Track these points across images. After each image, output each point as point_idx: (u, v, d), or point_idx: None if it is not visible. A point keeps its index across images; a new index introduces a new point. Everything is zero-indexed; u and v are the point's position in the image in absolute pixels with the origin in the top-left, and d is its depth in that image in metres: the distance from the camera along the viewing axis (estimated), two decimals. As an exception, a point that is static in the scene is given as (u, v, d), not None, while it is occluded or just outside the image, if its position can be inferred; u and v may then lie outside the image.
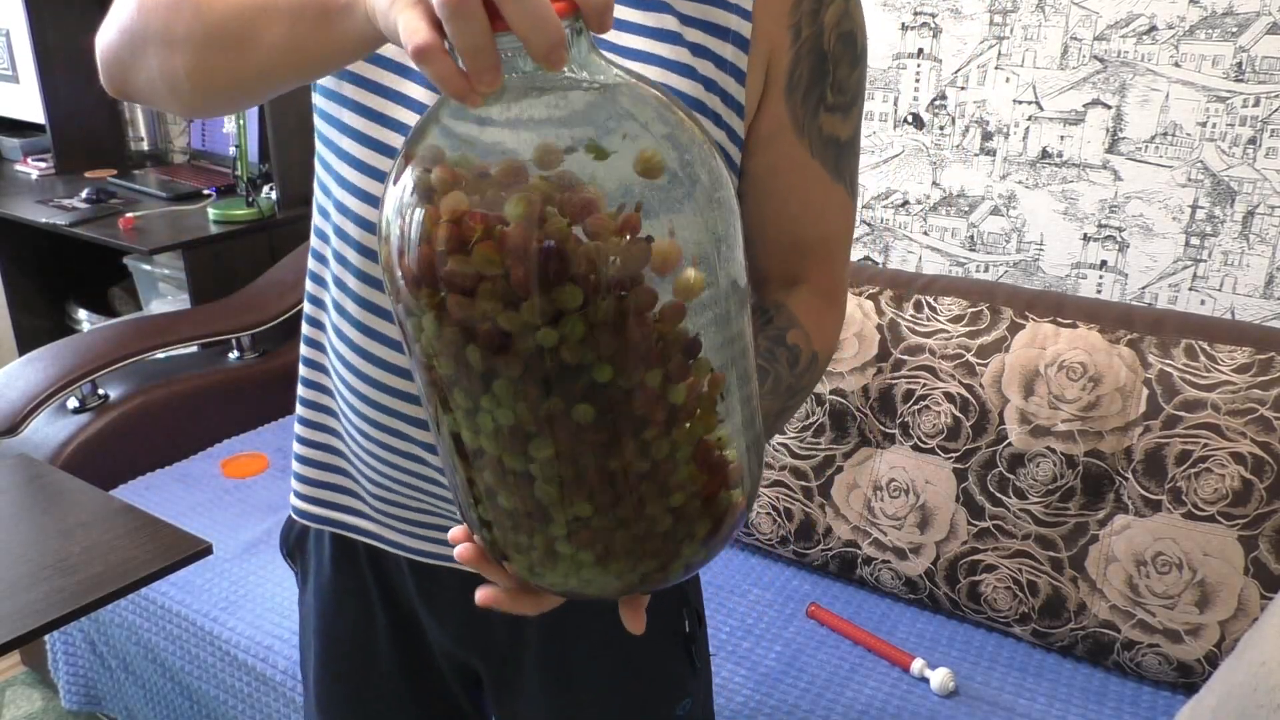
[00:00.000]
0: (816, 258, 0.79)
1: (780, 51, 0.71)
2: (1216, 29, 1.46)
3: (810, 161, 0.75)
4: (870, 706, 1.36)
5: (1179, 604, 1.36)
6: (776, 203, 0.76)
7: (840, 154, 0.76)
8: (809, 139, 0.74)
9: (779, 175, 0.75)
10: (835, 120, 0.75)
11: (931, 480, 1.52)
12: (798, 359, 0.73)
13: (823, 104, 0.74)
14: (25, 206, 2.45)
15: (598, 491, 0.49)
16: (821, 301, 0.78)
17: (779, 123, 0.73)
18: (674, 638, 0.86)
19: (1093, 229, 1.63)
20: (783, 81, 0.72)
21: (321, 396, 0.82)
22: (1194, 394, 1.37)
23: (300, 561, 0.91)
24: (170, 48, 0.62)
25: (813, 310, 0.76)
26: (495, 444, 0.49)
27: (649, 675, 0.86)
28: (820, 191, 0.76)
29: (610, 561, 0.52)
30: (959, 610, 1.53)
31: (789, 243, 0.77)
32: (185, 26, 0.61)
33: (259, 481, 1.90)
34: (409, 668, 0.87)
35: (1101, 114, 1.57)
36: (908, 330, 1.55)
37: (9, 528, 1.23)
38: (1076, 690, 1.40)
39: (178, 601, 1.57)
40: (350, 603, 0.87)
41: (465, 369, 0.48)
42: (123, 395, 1.97)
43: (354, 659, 0.88)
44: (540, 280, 0.45)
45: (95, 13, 2.66)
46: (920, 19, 1.69)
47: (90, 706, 1.79)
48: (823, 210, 0.77)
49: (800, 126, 0.74)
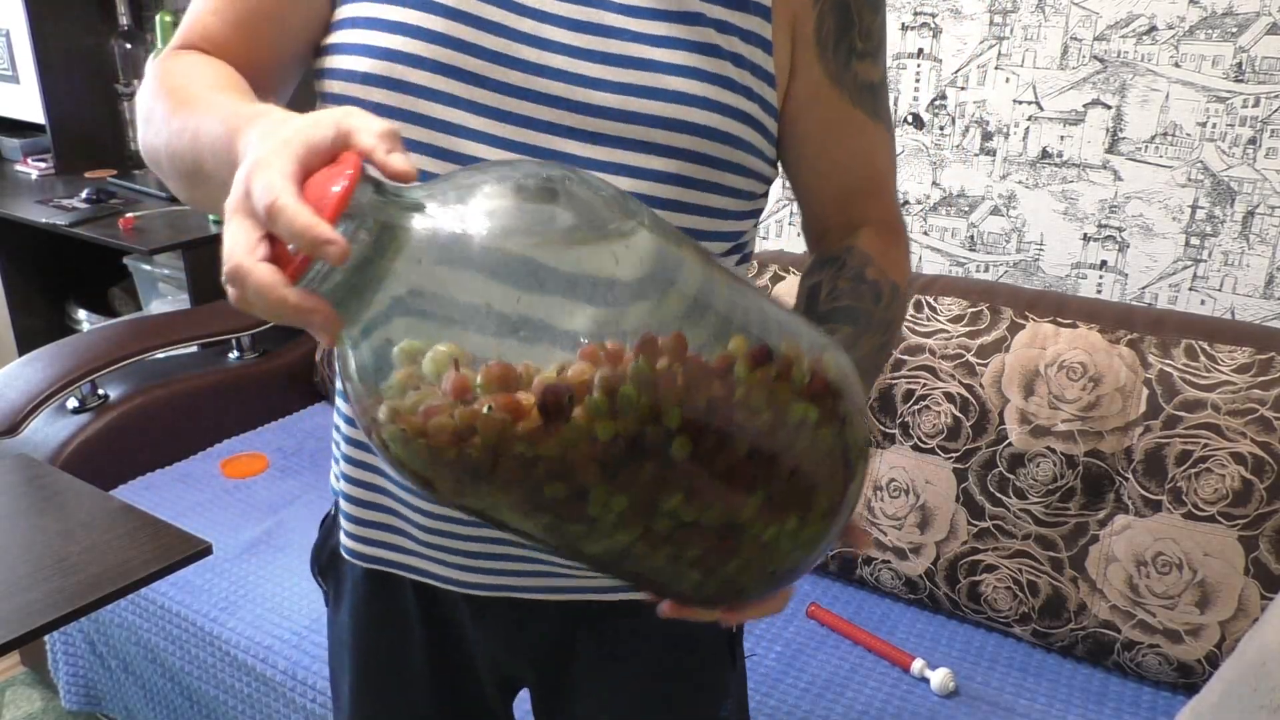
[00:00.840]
0: (873, 197, 0.81)
1: (804, 12, 0.73)
2: (1216, 29, 1.46)
3: (852, 111, 0.77)
4: (870, 706, 1.36)
5: (1179, 604, 1.36)
6: (829, 157, 0.78)
7: (875, 96, 0.78)
8: (846, 90, 0.76)
9: (828, 131, 0.77)
10: (866, 66, 0.77)
11: (931, 480, 1.52)
12: (880, 293, 0.75)
13: (853, 53, 0.75)
14: (25, 206, 2.45)
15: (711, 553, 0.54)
16: (886, 236, 0.80)
17: (816, 81, 0.75)
18: (718, 638, 0.87)
19: (1093, 229, 1.63)
20: (812, 40, 0.74)
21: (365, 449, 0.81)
22: (1194, 394, 1.37)
23: (333, 582, 0.90)
24: (158, 165, 0.69)
25: (880, 245, 0.78)
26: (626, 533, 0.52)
27: (696, 679, 0.86)
28: (866, 136, 0.79)
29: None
30: (959, 610, 1.53)
31: (845, 191, 0.80)
32: (164, 158, 0.68)
33: (259, 481, 1.90)
34: (447, 686, 0.87)
35: (1101, 114, 1.57)
36: (908, 330, 1.55)
37: (9, 528, 1.23)
38: (1076, 690, 1.40)
39: (178, 602, 1.57)
40: (388, 620, 0.86)
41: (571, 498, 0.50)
42: (123, 395, 1.97)
43: (391, 676, 0.87)
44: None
45: (95, 13, 2.66)
46: (920, 19, 1.69)
47: (90, 707, 1.79)
48: (871, 153, 0.80)
49: (837, 80, 0.75)
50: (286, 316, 0.46)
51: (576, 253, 0.47)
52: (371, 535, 0.82)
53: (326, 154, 0.48)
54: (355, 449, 0.81)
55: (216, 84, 0.66)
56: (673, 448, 0.48)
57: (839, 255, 0.78)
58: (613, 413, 0.46)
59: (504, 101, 0.67)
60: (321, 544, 0.90)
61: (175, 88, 0.67)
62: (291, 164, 0.46)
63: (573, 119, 0.68)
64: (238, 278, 0.46)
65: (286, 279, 0.45)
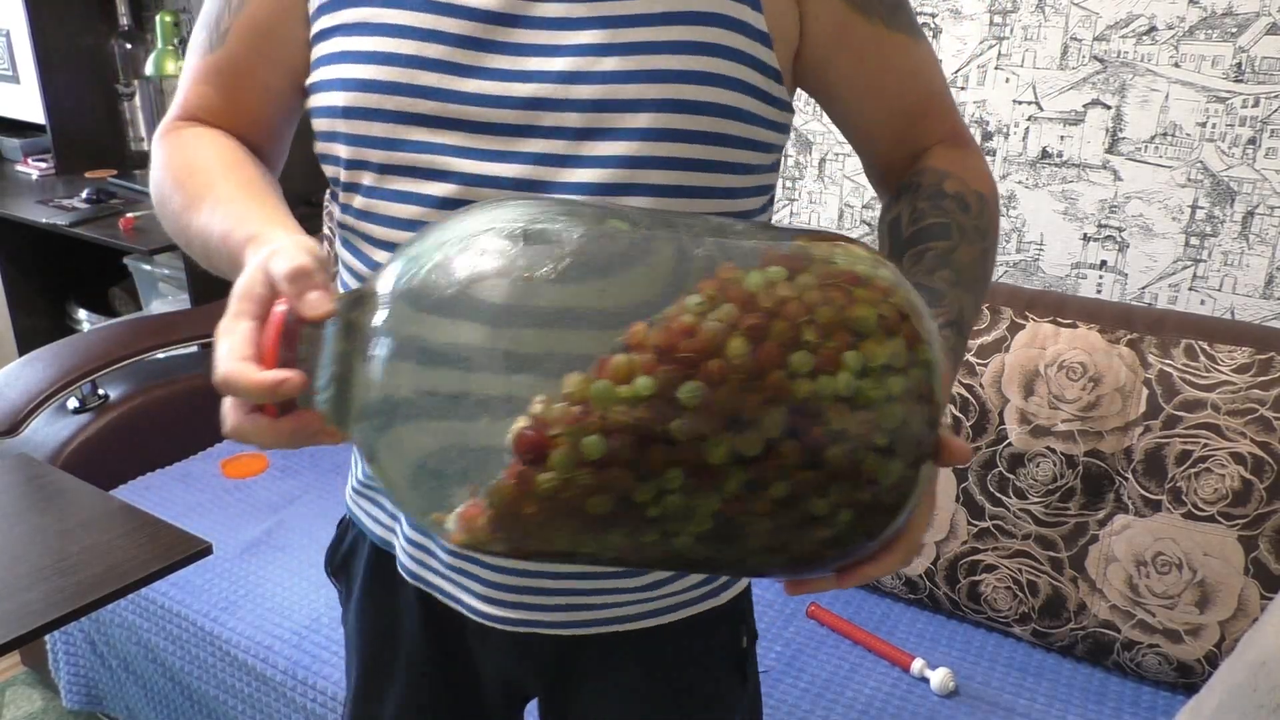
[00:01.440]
0: (931, 117, 0.77)
1: None
2: (1216, 29, 1.46)
3: (890, 35, 0.73)
4: (870, 706, 1.36)
5: (1179, 604, 1.36)
6: (876, 91, 0.75)
7: (907, 11, 0.74)
8: (877, 15, 0.72)
9: (868, 64, 0.73)
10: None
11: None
12: (967, 204, 0.71)
13: None
14: (25, 206, 2.45)
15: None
16: (957, 151, 0.77)
17: (842, 18, 0.71)
18: (729, 656, 0.86)
19: (1093, 229, 1.63)
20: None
21: None
22: (1194, 394, 1.37)
23: (345, 582, 0.90)
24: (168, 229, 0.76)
25: (954, 159, 0.75)
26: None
27: (706, 696, 0.85)
28: (911, 56, 0.75)
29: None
30: (959, 610, 1.53)
31: (903, 117, 0.76)
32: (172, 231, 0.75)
33: (259, 481, 1.90)
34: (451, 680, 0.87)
35: (1101, 114, 1.57)
36: (908, 330, 1.55)
37: (9, 528, 1.23)
38: (1076, 690, 1.40)
39: (178, 601, 1.57)
40: (394, 621, 0.86)
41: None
42: (123, 395, 1.96)
43: (395, 676, 0.87)
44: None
45: (95, 13, 2.66)
46: (920, 19, 1.69)
47: (91, 706, 1.79)
48: (920, 71, 0.76)
49: (864, 7, 0.71)
50: (297, 442, 0.53)
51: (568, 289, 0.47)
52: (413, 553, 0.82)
53: (267, 299, 0.53)
54: None
55: (221, 168, 0.71)
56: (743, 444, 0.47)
57: (912, 181, 0.74)
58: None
59: (484, 113, 0.66)
60: (336, 544, 0.91)
61: (183, 181, 0.72)
62: (237, 327, 0.54)
63: (554, 118, 0.66)
64: (236, 435, 0.55)
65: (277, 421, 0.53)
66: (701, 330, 0.46)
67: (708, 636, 0.84)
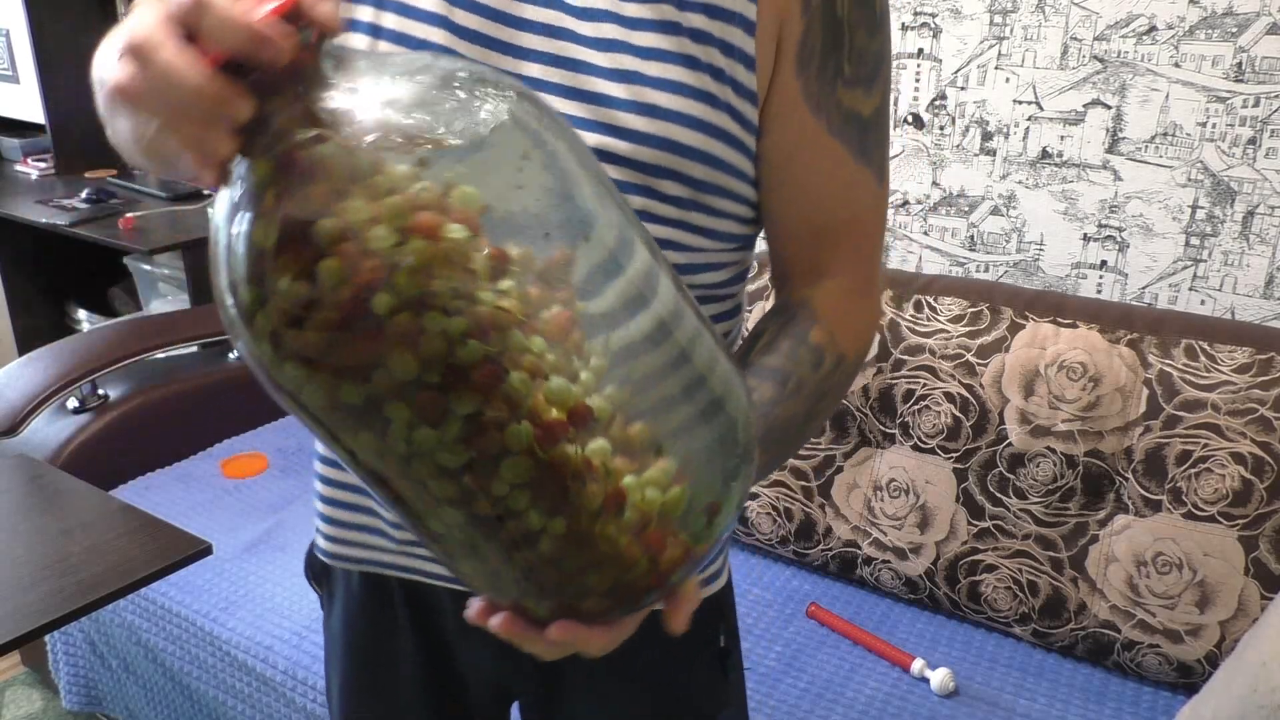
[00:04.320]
0: (843, 247, 0.73)
1: (791, 23, 0.66)
2: (1216, 29, 1.46)
3: (829, 140, 0.68)
4: (870, 706, 1.36)
5: (1179, 604, 1.36)
6: (794, 186, 0.70)
7: (864, 132, 0.70)
8: (826, 116, 0.68)
9: (795, 156, 0.69)
10: (855, 95, 0.69)
11: (931, 480, 1.52)
12: (821, 360, 0.68)
13: (840, 77, 0.68)
14: (25, 206, 2.45)
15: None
16: (850, 297, 0.72)
17: (791, 98, 0.67)
18: (710, 655, 0.86)
19: (1093, 229, 1.63)
20: (793, 53, 0.66)
21: None
22: (1194, 394, 1.37)
23: (326, 586, 0.90)
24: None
25: (840, 306, 0.71)
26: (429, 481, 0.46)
27: (684, 692, 0.85)
28: (843, 173, 0.70)
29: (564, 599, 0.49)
30: (959, 610, 1.53)
31: (811, 231, 0.72)
32: None
33: (259, 481, 1.90)
34: (437, 689, 0.87)
35: (1101, 114, 1.57)
36: (908, 330, 1.55)
37: (9, 528, 1.23)
38: (1076, 690, 1.40)
39: (178, 601, 1.57)
40: (379, 626, 0.86)
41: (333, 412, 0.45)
42: (123, 395, 1.97)
43: (381, 682, 0.87)
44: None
45: (95, 13, 2.66)
46: (920, 19, 1.69)
47: (90, 707, 1.79)
48: (845, 194, 0.71)
49: (816, 102, 0.68)
50: (193, 103, 0.40)
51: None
52: (349, 536, 0.82)
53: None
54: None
55: None
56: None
57: (789, 309, 0.71)
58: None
59: None
60: (314, 549, 0.91)
61: None
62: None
63: None
64: (143, 51, 0.40)
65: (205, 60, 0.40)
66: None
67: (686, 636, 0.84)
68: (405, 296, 0.41)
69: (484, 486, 0.45)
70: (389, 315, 0.41)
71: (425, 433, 0.44)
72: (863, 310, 0.74)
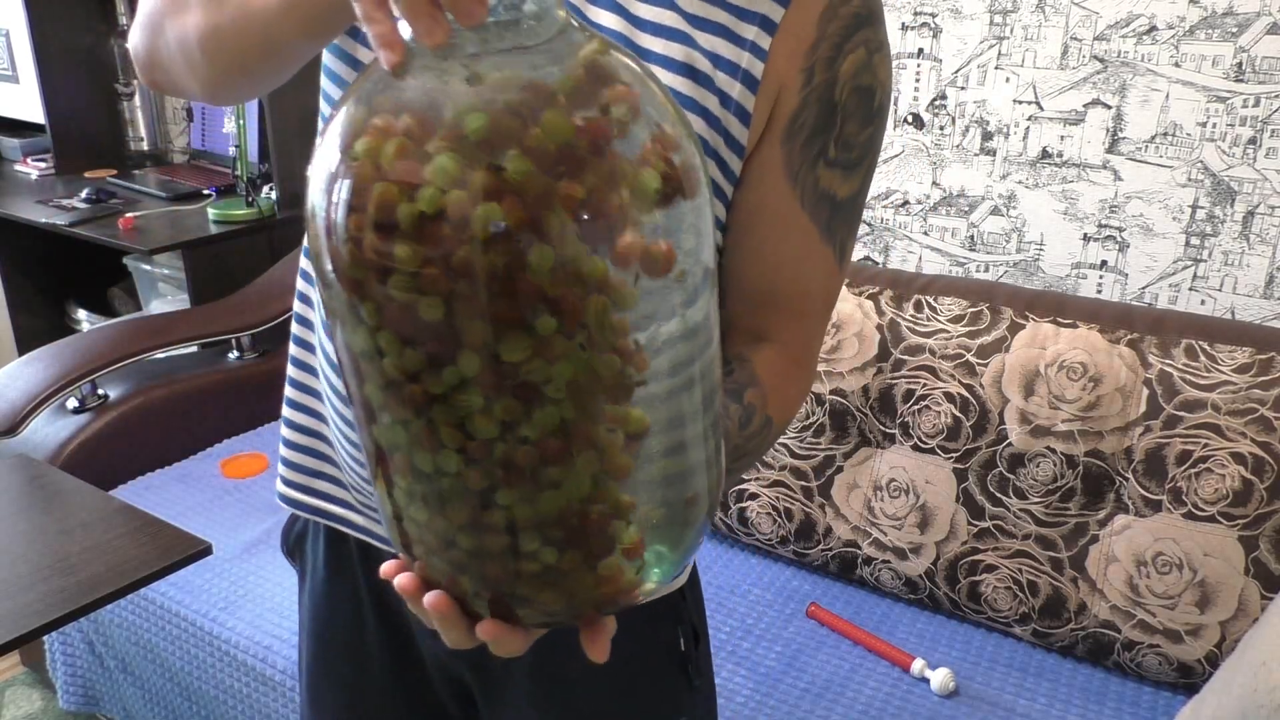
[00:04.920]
0: (789, 315, 0.73)
1: (789, 93, 0.67)
2: (1216, 29, 1.46)
3: (799, 212, 0.70)
4: (870, 706, 1.36)
5: (1179, 604, 1.36)
6: (753, 246, 0.71)
7: (834, 213, 0.71)
8: (800, 189, 0.69)
9: (762, 218, 0.70)
10: (834, 176, 0.70)
11: (931, 480, 1.52)
12: (750, 420, 0.67)
13: (823, 157, 0.69)
14: (25, 206, 2.45)
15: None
16: (788, 365, 0.73)
17: (771, 164, 0.69)
18: (670, 656, 0.85)
19: (1093, 229, 1.63)
20: (783, 124, 0.68)
21: (308, 395, 0.81)
22: (1194, 394, 1.37)
23: (300, 561, 0.91)
24: (181, 14, 0.63)
25: (777, 372, 0.71)
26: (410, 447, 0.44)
27: (643, 694, 0.84)
28: (804, 246, 0.71)
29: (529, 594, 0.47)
30: (959, 610, 1.53)
31: (762, 293, 0.73)
32: (178, 30, 0.62)
33: (259, 481, 1.90)
34: (401, 674, 0.87)
35: (1101, 114, 1.57)
36: (908, 330, 1.55)
37: (9, 528, 1.23)
38: (1076, 690, 1.40)
39: (177, 601, 1.57)
40: (343, 606, 0.86)
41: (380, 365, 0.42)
42: (123, 395, 1.97)
43: (346, 662, 0.88)
44: (494, 294, 0.39)
45: (95, 12, 2.66)
46: (920, 19, 1.69)
47: (89, 707, 1.79)
48: (803, 266, 0.72)
49: (794, 174, 0.69)
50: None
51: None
52: (311, 484, 0.83)
53: None
54: (298, 392, 0.81)
55: None
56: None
57: (728, 361, 0.70)
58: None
59: None
60: (290, 523, 0.91)
61: None
62: None
63: None
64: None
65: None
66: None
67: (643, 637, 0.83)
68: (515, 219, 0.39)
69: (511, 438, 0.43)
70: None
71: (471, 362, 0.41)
72: (798, 380, 0.74)
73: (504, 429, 0.43)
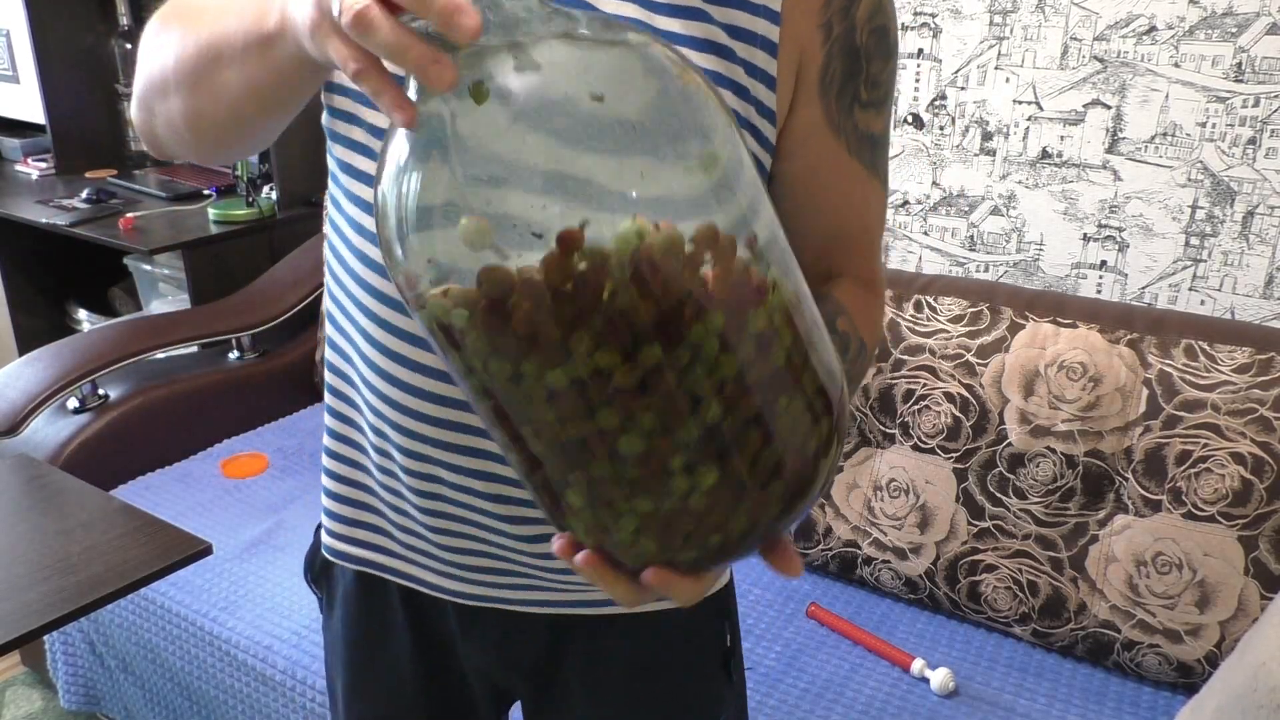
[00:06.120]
0: (856, 250, 0.79)
1: (812, 50, 0.70)
2: (1216, 29, 1.46)
3: (849, 160, 0.74)
4: (870, 706, 1.36)
5: (1179, 604, 1.36)
6: (817, 201, 0.75)
7: (875, 149, 0.76)
8: (845, 137, 0.73)
9: (818, 175, 0.74)
10: (870, 116, 0.74)
11: (931, 480, 1.52)
12: (848, 346, 0.71)
13: (857, 101, 0.73)
14: (25, 206, 2.45)
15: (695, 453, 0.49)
16: (864, 291, 0.77)
17: (814, 123, 0.72)
18: (713, 653, 0.86)
19: (1093, 229, 1.63)
20: (816, 81, 0.71)
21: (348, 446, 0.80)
22: (1194, 394, 1.37)
23: (325, 589, 0.90)
24: (165, 97, 0.67)
25: (858, 299, 0.76)
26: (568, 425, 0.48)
27: (688, 692, 0.85)
28: (859, 188, 0.76)
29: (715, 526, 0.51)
30: (959, 610, 1.53)
31: (828, 238, 0.77)
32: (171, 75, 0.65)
33: (259, 481, 1.90)
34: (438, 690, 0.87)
35: (1101, 114, 1.57)
36: (908, 330, 1.55)
37: (9, 528, 1.23)
38: (1076, 690, 1.40)
39: (177, 601, 1.57)
40: (377, 627, 0.86)
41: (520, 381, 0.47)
42: (123, 395, 1.97)
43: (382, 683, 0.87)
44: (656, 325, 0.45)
45: (96, 12, 2.66)
46: (920, 19, 1.69)
47: (89, 707, 1.79)
48: (862, 205, 0.77)
49: (836, 125, 0.72)
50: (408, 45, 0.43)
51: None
52: (355, 534, 0.82)
53: None
54: (339, 444, 0.81)
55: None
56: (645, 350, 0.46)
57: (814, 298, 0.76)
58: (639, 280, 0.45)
59: None
60: (315, 551, 0.90)
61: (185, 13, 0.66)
62: None
63: None
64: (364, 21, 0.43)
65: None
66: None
67: (691, 635, 0.84)
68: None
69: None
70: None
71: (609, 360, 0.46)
72: (876, 303, 0.79)
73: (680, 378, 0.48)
